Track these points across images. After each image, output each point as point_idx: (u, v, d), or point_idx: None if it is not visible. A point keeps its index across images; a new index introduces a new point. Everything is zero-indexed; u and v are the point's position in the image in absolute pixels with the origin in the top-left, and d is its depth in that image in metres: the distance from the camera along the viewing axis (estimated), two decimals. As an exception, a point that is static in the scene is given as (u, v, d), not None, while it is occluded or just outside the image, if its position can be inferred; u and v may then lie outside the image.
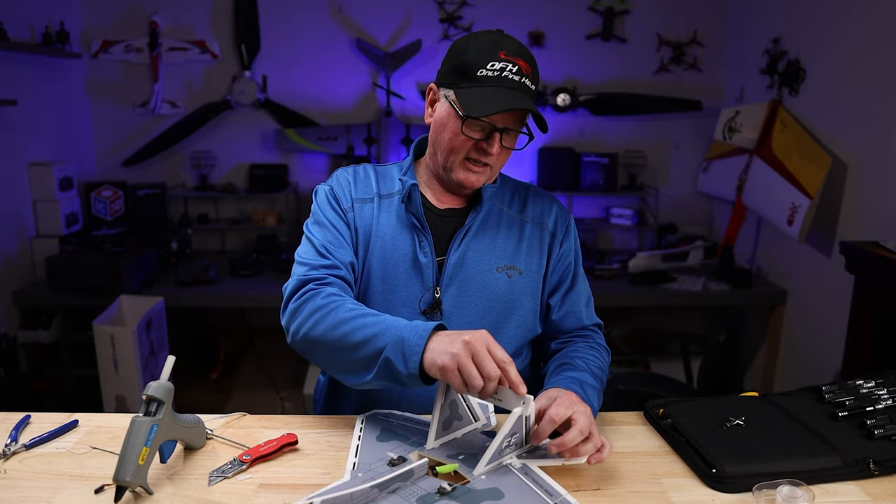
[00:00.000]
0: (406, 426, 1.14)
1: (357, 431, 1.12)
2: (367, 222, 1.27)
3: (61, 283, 3.06)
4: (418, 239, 1.25)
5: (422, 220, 1.25)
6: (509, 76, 1.17)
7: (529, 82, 1.18)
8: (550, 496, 0.94)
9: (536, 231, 1.32)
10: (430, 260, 1.25)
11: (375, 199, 1.29)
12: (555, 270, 1.33)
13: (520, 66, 1.17)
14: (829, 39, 2.80)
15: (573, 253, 1.36)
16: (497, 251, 1.28)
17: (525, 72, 1.18)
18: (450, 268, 1.25)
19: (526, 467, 1.00)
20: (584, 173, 3.84)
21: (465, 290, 1.25)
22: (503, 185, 1.35)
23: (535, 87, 1.21)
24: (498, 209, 1.31)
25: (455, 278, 1.26)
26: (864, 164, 2.58)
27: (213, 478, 1.00)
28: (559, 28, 3.80)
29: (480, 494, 0.94)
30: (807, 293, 2.99)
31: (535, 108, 1.16)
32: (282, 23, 3.76)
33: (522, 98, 1.16)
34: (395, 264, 1.25)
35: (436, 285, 1.25)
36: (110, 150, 3.87)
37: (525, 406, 0.99)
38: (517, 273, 1.28)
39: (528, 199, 1.35)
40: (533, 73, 1.19)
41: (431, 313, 1.25)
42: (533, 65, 1.20)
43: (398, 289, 1.25)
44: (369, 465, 1.00)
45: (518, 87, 1.17)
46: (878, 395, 1.15)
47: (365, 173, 1.33)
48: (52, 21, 3.38)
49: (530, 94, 1.19)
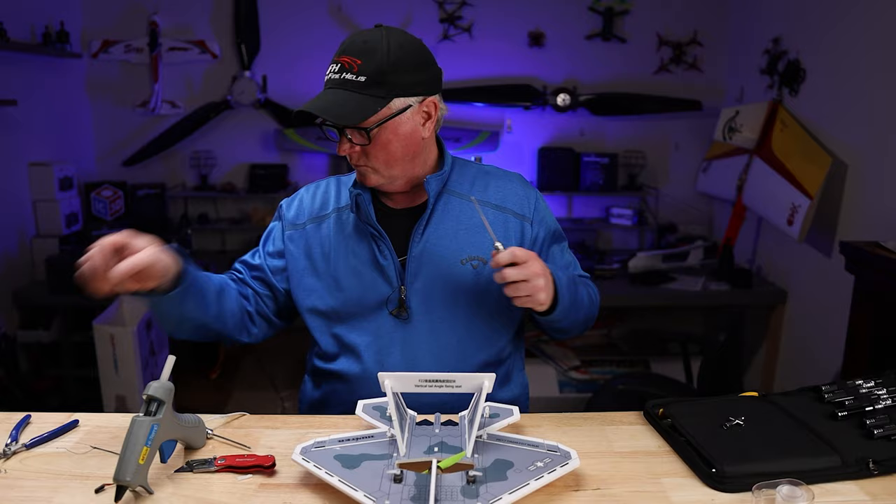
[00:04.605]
0: (355, 446, 1.04)
1: (323, 474, 0.95)
2: (326, 237, 1.32)
3: (61, 283, 3.06)
4: (376, 243, 1.28)
5: (374, 225, 1.26)
6: (331, 77, 1.18)
7: (352, 75, 1.15)
8: (537, 447, 1.01)
9: (500, 216, 1.31)
10: (391, 261, 1.27)
11: (334, 214, 1.33)
12: None
13: (342, 63, 1.16)
14: (829, 39, 2.80)
15: (546, 229, 1.35)
16: (459, 243, 1.28)
17: (347, 65, 1.15)
18: (412, 266, 1.27)
19: (494, 435, 1.06)
20: (584, 173, 3.84)
21: (431, 287, 1.26)
22: (462, 173, 1.34)
23: (369, 77, 1.14)
24: (457, 199, 1.30)
25: (419, 276, 1.27)
26: (864, 164, 2.58)
27: (184, 467, 1.03)
28: (559, 28, 3.80)
29: (498, 468, 0.96)
30: (807, 293, 2.99)
31: (328, 106, 1.14)
32: (282, 23, 3.76)
33: (333, 96, 1.15)
34: (361, 272, 1.28)
35: (400, 285, 1.27)
36: (110, 150, 3.87)
37: (490, 383, 1.02)
38: (482, 263, 1.27)
39: (490, 185, 1.34)
40: (363, 63, 1.14)
41: (398, 313, 1.27)
42: (364, 55, 1.15)
43: (367, 294, 1.28)
44: (373, 492, 0.91)
45: (335, 85, 1.16)
46: (877, 394, 1.15)
47: (326, 189, 1.38)
48: (52, 21, 3.38)
49: (350, 86, 1.15)
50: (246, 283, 1.37)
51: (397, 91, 1.17)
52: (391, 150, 1.21)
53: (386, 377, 1.02)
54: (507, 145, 3.86)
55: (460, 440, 1.04)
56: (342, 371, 1.31)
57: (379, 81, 1.15)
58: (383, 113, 1.17)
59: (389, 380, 1.02)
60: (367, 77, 1.14)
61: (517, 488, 0.91)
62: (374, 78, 1.15)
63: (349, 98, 1.15)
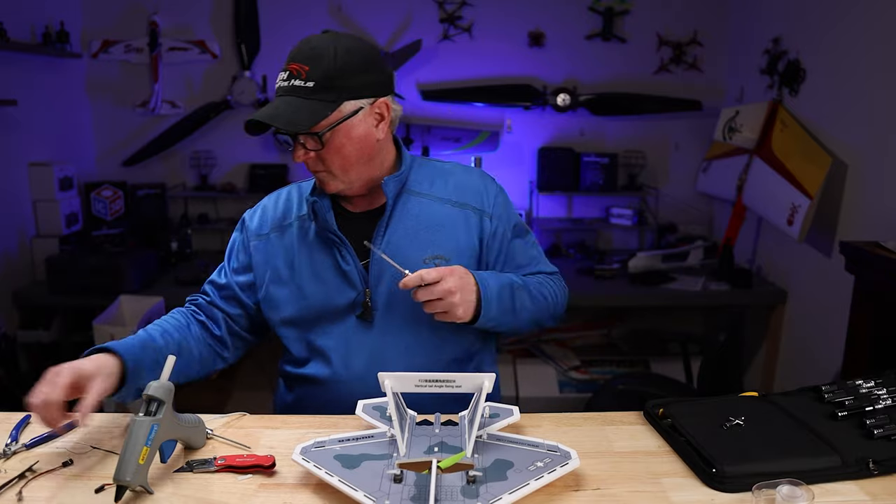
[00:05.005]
0: (355, 446, 1.04)
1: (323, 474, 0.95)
2: (289, 245, 1.32)
3: (61, 283, 3.06)
4: (338, 249, 1.28)
5: (334, 232, 1.27)
6: (280, 84, 1.19)
7: (300, 81, 1.16)
8: (537, 447, 1.01)
9: (460, 213, 1.31)
10: (353, 266, 1.28)
11: (296, 221, 1.34)
12: (490, 248, 1.33)
13: (290, 70, 1.17)
14: (829, 39, 2.80)
15: (506, 223, 1.35)
16: (420, 242, 1.28)
17: (296, 72, 1.16)
18: (374, 269, 1.28)
19: (494, 435, 1.06)
20: (584, 173, 3.83)
21: (395, 288, 1.26)
22: (421, 172, 1.34)
23: (317, 82, 1.15)
24: (417, 198, 1.30)
25: (382, 278, 1.28)
26: (864, 164, 2.58)
27: (184, 467, 1.03)
28: (559, 28, 3.80)
29: (498, 468, 0.96)
30: (807, 293, 2.99)
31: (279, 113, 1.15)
32: (282, 23, 3.76)
33: (283, 103, 1.16)
34: (325, 278, 1.29)
35: (365, 288, 1.27)
36: (110, 150, 3.87)
37: (490, 383, 1.03)
38: (444, 261, 1.28)
39: (449, 181, 1.34)
40: (311, 69, 1.15)
41: (364, 316, 1.28)
42: (312, 60, 1.16)
43: (332, 299, 1.29)
44: (373, 492, 0.91)
45: (285, 93, 1.17)
46: (877, 394, 1.15)
47: (288, 197, 1.39)
48: (52, 21, 3.38)
49: (299, 92, 1.16)
50: (215, 305, 1.37)
51: (346, 94, 1.18)
52: (346, 153, 1.21)
53: (386, 377, 1.02)
54: (507, 145, 3.86)
55: (460, 440, 1.04)
56: (312, 375, 1.32)
57: (327, 86, 1.16)
58: (334, 117, 1.18)
59: (389, 380, 1.02)
60: (316, 82, 1.15)
61: (517, 488, 0.91)
62: (322, 83, 1.16)
63: (299, 104, 1.16)
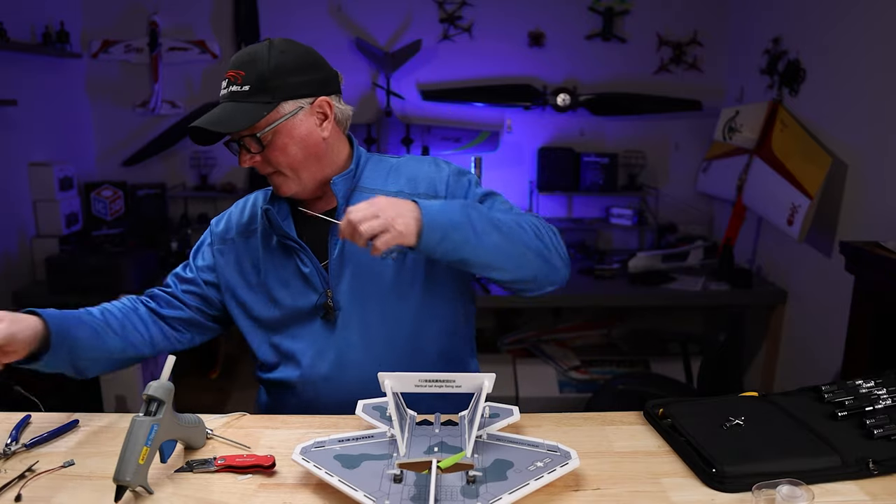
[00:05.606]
0: (355, 446, 1.04)
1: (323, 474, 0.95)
2: (255, 249, 1.34)
3: (61, 283, 3.06)
4: (296, 254, 1.29)
5: (290, 237, 1.28)
6: (221, 92, 1.21)
7: (237, 86, 1.19)
8: (537, 447, 1.01)
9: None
10: (314, 268, 1.29)
11: (260, 227, 1.35)
12: None
13: (228, 77, 1.20)
14: (829, 39, 2.80)
15: (463, 197, 1.30)
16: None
17: (233, 79, 1.19)
18: (334, 268, 1.29)
19: (494, 435, 1.06)
20: (584, 173, 3.83)
21: (356, 285, 1.28)
22: (376, 169, 1.34)
23: (252, 85, 1.18)
24: (369, 196, 1.27)
25: (342, 278, 1.28)
26: (864, 164, 2.58)
27: (184, 467, 1.03)
28: (559, 28, 3.80)
29: (498, 468, 0.96)
30: (807, 293, 2.99)
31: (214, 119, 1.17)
32: (282, 23, 3.76)
33: (221, 110, 1.18)
34: (289, 282, 1.30)
35: (326, 289, 1.28)
36: (110, 150, 3.87)
37: (490, 383, 1.03)
38: (402, 255, 1.28)
39: (402, 175, 1.33)
40: (246, 74, 1.18)
41: (327, 317, 1.29)
42: (247, 65, 1.19)
43: (298, 302, 1.30)
44: (373, 492, 0.91)
45: (224, 100, 1.20)
46: (877, 394, 1.15)
47: (254, 202, 1.39)
48: (52, 21, 3.38)
49: (237, 97, 1.19)
50: (174, 296, 1.38)
51: (283, 94, 1.20)
52: (290, 152, 1.23)
53: (386, 377, 1.02)
54: (507, 145, 3.86)
55: (460, 440, 1.04)
56: (283, 379, 1.33)
57: (262, 88, 1.18)
58: (272, 117, 1.19)
59: (389, 380, 1.02)
60: (251, 85, 1.18)
61: (517, 488, 0.91)
62: (257, 85, 1.18)
63: (235, 108, 1.18)
